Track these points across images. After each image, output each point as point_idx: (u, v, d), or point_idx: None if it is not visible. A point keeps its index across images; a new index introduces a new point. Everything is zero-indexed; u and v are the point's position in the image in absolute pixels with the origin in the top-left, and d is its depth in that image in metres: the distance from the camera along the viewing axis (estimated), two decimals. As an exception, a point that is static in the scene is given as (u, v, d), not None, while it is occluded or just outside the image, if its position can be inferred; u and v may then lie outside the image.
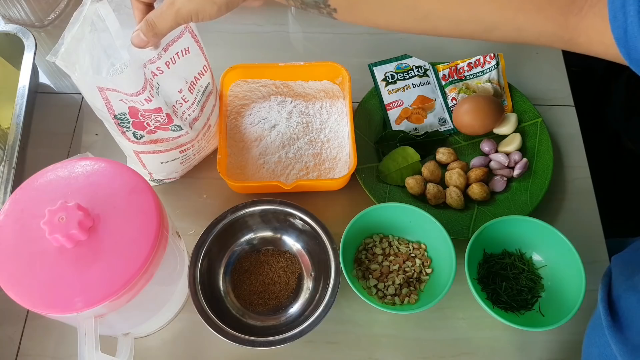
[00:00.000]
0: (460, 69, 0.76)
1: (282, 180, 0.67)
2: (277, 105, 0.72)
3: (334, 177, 0.68)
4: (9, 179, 0.66)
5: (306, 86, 0.74)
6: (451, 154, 0.71)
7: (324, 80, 0.75)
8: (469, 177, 0.69)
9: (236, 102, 0.72)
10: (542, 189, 0.68)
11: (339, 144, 0.70)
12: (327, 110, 0.73)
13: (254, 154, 0.69)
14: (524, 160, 0.70)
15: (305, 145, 0.69)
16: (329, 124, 0.72)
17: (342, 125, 0.72)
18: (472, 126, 0.71)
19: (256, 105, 0.72)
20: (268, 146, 0.69)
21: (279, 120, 0.70)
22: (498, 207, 0.68)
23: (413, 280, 0.62)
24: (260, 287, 0.63)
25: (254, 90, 0.73)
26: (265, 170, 0.68)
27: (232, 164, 0.68)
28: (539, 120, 0.73)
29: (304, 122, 0.71)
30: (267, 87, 0.74)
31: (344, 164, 0.69)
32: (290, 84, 0.74)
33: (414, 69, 0.75)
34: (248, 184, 0.67)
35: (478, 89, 0.74)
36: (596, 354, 0.53)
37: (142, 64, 0.52)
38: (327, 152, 0.70)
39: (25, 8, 0.80)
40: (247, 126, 0.71)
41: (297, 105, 0.72)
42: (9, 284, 0.45)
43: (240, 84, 0.74)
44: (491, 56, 0.75)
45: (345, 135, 0.71)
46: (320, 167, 0.69)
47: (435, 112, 0.74)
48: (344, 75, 0.72)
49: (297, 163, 0.68)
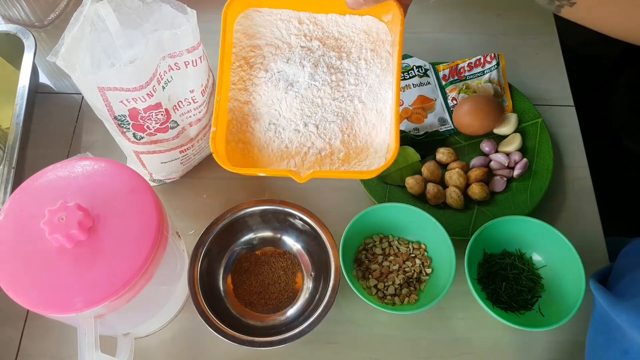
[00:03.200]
0: (460, 69, 0.76)
1: (295, 162, 0.51)
2: (299, 52, 0.54)
3: (367, 163, 0.51)
4: (9, 179, 0.66)
5: (341, 22, 0.55)
6: (451, 154, 0.71)
7: (367, 15, 0.55)
8: (469, 177, 0.69)
9: (244, 41, 0.54)
10: (542, 189, 0.68)
11: (378, 113, 0.52)
12: (366, 61, 0.54)
13: (262, 122, 0.52)
14: (524, 160, 0.70)
15: (331, 113, 0.52)
16: (367, 82, 0.53)
17: (385, 86, 0.53)
18: (472, 126, 0.71)
19: (270, 49, 0.54)
20: (282, 113, 0.52)
21: (300, 76, 0.53)
22: (498, 207, 0.68)
23: (413, 281, 0.62)
24: (260, 287, 0.63)
25: (269, 25, 0.54)
26: (275, 147, 0.51)
27: (232, 134, 0.52)
28: (539, 121, 0.73)
29: (333, 80, 0.53)
30: (289, 21, 0.55)
31: (380, 145, 0.51)
32: (320, 19, 0.55)
33: (414, 68, 0.75)
34: (246, 170, 0.49)
35: (478, 89, 0.74)
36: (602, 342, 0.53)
37: (162, 56, 0.53)
38: (361, 124, 0.52)
39: (25, 8, 0.80)
40: (256, 81, 0.53)
41: (327, 53, 0.54)
42: (9, 284, 0.45)
43: (251, 15, 0.54)
44: (491, 56, 0.75)
45: (387, 102, 0.52)
46: (348, 146, 0.51)
47: (436, 112, 0.74)
48: (395, 11, 0.51)
49: (319, 139, 0.51)
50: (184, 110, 0.60)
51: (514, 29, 0.84)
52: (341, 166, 0.50)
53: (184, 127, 0.62)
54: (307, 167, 0.50)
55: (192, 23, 0.53)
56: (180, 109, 0.59)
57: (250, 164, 0.51)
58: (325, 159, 0.51)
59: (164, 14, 0.55)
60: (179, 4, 0.54)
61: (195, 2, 0.58)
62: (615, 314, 0.48)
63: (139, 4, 0.54)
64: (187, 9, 0.53)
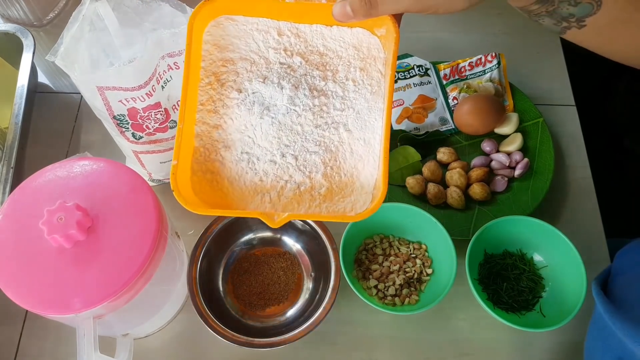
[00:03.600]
0: (461, 69, 0.76)
1: (271, 197, 0.44)
2: (277, 70, 0.46)
3: (351, 200, 0.44)
4: (7, 179, 0.66)
5: (328, 35, 0.47)
6: (452, 154, 0.70)
7: (357, 27, 0.47)
8: (469, 177, 0.69)
9: (215, 53, 0.46)
10: (543, 189, 0.68)
11: (366, 144, 0.45)
12: (356, 82, 0.46)
13: (234, 151, 0.45)
14: (525, 160, 0.69)
15: (312, 143, 0.45)
16: (355, 107, 0.45)
17: (375, 113, 0.45)
18: (473, 126, 0.71)
19: (245, 64, 0.46)
20: (256, 140, 0.45)
21: (277, 99, 0.45)
22: (499, 207, 0.68)
23: (413, 281, 0.62)
24: (260, 287, 0.63)
25: (244, 36, 0.46)
26: (248, 179, 0.44)
27: (199, 163, 0.44)
28: (540, 120, 0.72)
29: (315, 104, 0.45)
30: (266, 32, 0.47)
31: (367, 179, 0.44)
32: (303, 30, 0.47)
33: (415, 68, 0.75)
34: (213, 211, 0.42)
35: (479, 88, 0.74)
36: (600, 347, 0.53)
37: (161, 56, 0.52)
38: (346, 155, 0.45)
39: (24, 7, 0.80)
40: (228, 102, 0.45)
41: (310, 73, 0.46)
42: (8, 284, 0.45)
43: (223, 23, 0.46)
44: (492, 55, 0.75)
45: (376, 131, 0.45)
46: (331, 179, 0.44)
47: (436, 111, 0.74)
48: (390, 27, 0.44)
49: (297, 172, 0.44)
50: (184, 110, 0.60)
51: (515, 28, 0.84)
52: (322, 202, 0.44)
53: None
54: (284, 204, 0.44)
55: None
56: (179, 109, 0.59)
57: (219, 198, 0.44)
58: (304, 194, 0.44)
59: (163, 13, 0.54)
60: (178, 3, 0.54)
61: (194, 2, 0.58)
62: (612, 322, 0.48)
63: (138, 3, 0.54)
64: (186, 7, 0.53)
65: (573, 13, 0.43)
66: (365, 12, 0.41)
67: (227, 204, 0.44)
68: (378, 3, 0.40)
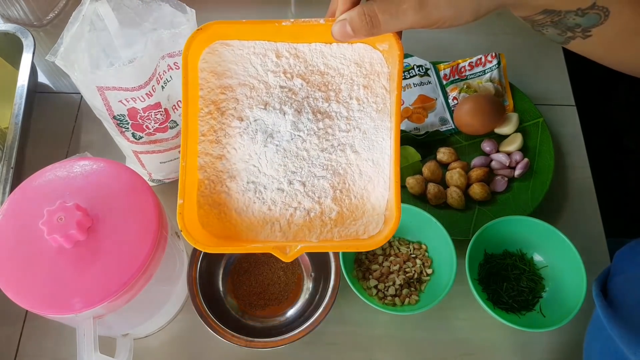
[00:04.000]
0: (461, 69, 0.76)
1: (281, 225, 0.43)
2: (278, 94, 0.44)
3: (363, 222, 0.43)
4: (7, 179, 0.66)
5: (327, 53, 0.45)
6: (452, 154, 0.70)
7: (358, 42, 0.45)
8: (469, 177, 0.69)
9: (213, 81, 0.44)
10: (543, 189, 0.68)
11: (375, 165, 0.44)
12: (360, 100, 0.45)
13: (240, 181, 0.44)
14: (525, 160, 0.69)
15: (319, 167, 0.43)
16: (361, 127, 0.44)
17: (382, 132, 0.44)
18: (473, 126, 0.71)
19: (244, 90, 0.45)
20: (262, 169, 0.44)
21: (280, 126, 0.44)
22: (499, 207, 0.68)
23: (413, 281, 0.62)
24: (260, 287, 0.63)
25: (241, 61, 0.45)
26: (256, 209, 0.43)
27: (205, 196, 0.43)
28: (540, 120, 0.72)
29: (320, 128, 0.44)
30: (265, 55, 0.45)
31: (378, 200, 0.43)
32: (302, 50, 0.45)
33: (415, 68, 0.75)
34: (224, 248, 0.42)
35: (479, 88, 0.74)
36: (598, 348, 0.53)
37: (161, 56, 0.52)
38: (355, 177, 0.44)
39: (24, 7, 0.80)
40: (230, 131, 0.44)
41: (311, 95, 0.45)
42: (8, 284, 0.45)
43: (218, 49, 0.44)
44: (492, 55, 0.75)
45: (385, 151, 0.44)
46: (341, 203, 0.43)
47: (436, 111, 0.74)
48: (393, 43, 0.42)
49: (306, 198, 0.43)
50: (184, 110, 0.60)
51: (515, 28, 0.84)
52: (334, 227, 0.43)
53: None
54: (295, 232, 0.43)
55: (191, 22, 0.52)
56: (179, 109, 0.59)
57: (228, 229, 0.43)
58: (315, 220, 0.43)
59: (163, 13, 0.54)
60: (178, 3, 0.54)
61: (194, 1, 0.58)
62: (610, 328, 0.48)
63: (138, 3, 0.54)
64: (186, 8, 0.53)
65: (579, 23, 0.42)
66: (367, 32, 0.39)
67: (236, 235, 0.43)
68: (380, 22, 0.38)
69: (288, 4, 0.86)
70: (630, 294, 0.50)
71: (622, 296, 0.49)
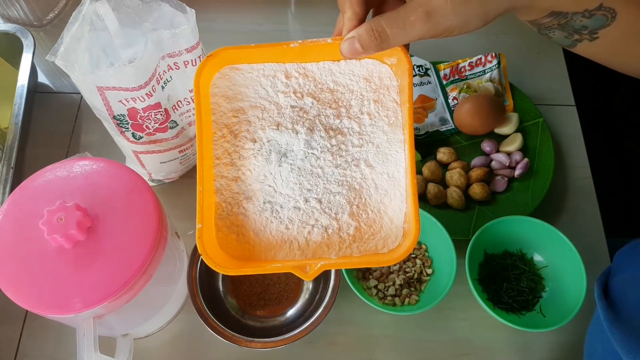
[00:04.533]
0: (461, 69, 0.76)
1: (299, 244, 0.43)
2: (289, 114, 0.45)
3: (382, 235, 0.43)
4: (7, 179, 0.66)
5: (336, 70, 0.46)
6: (452, 154, 0.70)
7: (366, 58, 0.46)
8: (469, 177, 0.69)
9: (224, 105, 0.45)
10: (543, 189, 0.68)
11: (390, 178, 0.44)
12: (371, 115, 0.45)
13: (256, 201, 0.44)
14: (525, 160, 0.69)
15: (335, 184, 0.44)
16: (374, 141, 0.44)
17: (396, 145, 0.44)
18: (473, 126, 0.71)
19: (256, 112, 0.45)
20: (277, 189, 0.44)
21: (294, 145, 0.44)
22: (499, 207, 0.68)
23: (413, 281, 0.62)
24: (260, 287, 0.63)
25: (251, 84, 0.46)
26: (274, 228, 0.43)
27: (222, 218, 0.44)
28: (540, 120, 0.72)
29: (333, 144, 0.44)
30: (274, 77, 0.46)
31: (396, 213, 0.43)
32: (311, 69, 0.46)
33: (414, 68, 0.75)
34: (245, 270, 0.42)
35: (479, 88, 0.74)
36: (600, 350, 0.53)
37: (161, 56, 0.53)
38: (371, 191, 0.44)
39: (24, 7, 0.80)
40: (244, 153, 0.45)
41: (322, 112, 0.45)
42: (8, 284, 0.45)
43: (228, 74, 0.45)
44: (492, 55, 0.75)
45: (400, 163, 0.44)
46: (359, 218, 0.43)
47: (436, 111, 0.74)
48: (402, 57, 0.43)
49: (323, 215, 0.43)
50: (184, 110, 0.60)
51: (515, 28, 0.84)
52: (353, 243, 0.43)
53: (183, 127, 0.62)
54: (313, 250, 0.43)
55: (191, 22, 0.52)
56: (179, 109, 0.59)
57: (247, 250, 0.43)
58: (333, 236, 0.43)
59: (163, 13, 0.54)
60: (178, 2, 0.54)
61: (194, 1, 0.58)
62: (610, 332, 0.48)
63: (138, 3, 0.54)
64: (186, 7, 0.53)
65: (586, 25, 0.41)
66: (377, 47, 0.39)
67: (255, 255, 0.43)
68: (389, 36, 0.38)
69: (288, 4, 0.86)
70: (631, 294, 0.50)
71: (622, 296, 0.49)
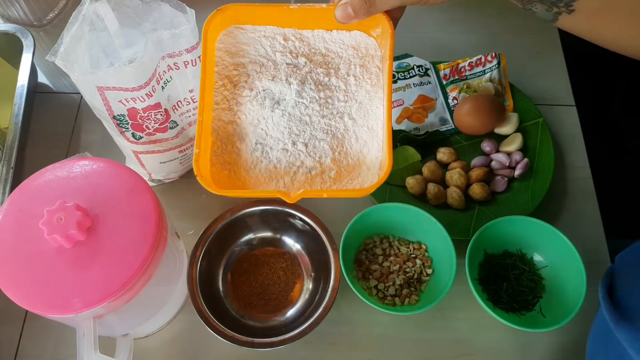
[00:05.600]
0: (461, 69, 0.76)
1: (285, 182, 0.48)
2: (284, 69, 0.51)
3: (359, 181, 0.48)
4: (7, 179, 0.66)
5: (328, 38, 0.52)
6: (452, 154, 0.70)
7: (355, 30, 0.52)
8: (469, 177, 0.69)
9: (227, 59, 0.51)
10: (543, 188, 0.68)
11: (369, 130, 0.50)
12: (356, 77, 0.51)
13: (248, 142, 0.49)
14: (525, 160, 0.69)
15: (320, 131, 0.49)
16: (357, 98, 0.50)
17: (376, 102, 0.50)
18: (473, 126, 0.71)
19: (255, 67, 0.51)
20: (268, 132, 0.50)
21: (286, 94, 0.50)
22: (499, 207, 0.68)
23: (413, 281, 0.62)
24: (260, 287, 0.63)
25: (253, 43, 0.52)
26: (263, 167, 0.49)
27: (217, 155, 0.49)
28: (540, 120, 0.72)
29: (321, 97, 0.50)
30: (273, 38, 0.52)
31: (373, 162, 0.49)
32: (306, 35, 0.52)
33: (414, 68, 0.75)
34: (234, 192, 0.47)
35: (479, 88, 0.74)
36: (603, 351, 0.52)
37: (161, 56, 0.53)
38: (352, 141, 0.49)
39: (24, 7, 0.80)
40: (240, 100, 0.50)
41: (314, 70, 0.51)
42: (8, 284, 0.45)
43: (234, 32, 0.51)
44: (492, 55, 0.75)
45: (379, 118, 0.50)
46: (340, 164, 0.49)
47: (436, 111, 0.74)
48: (385, 25, 0.49)
49: (308, 158, 0.49)
50: (184, 110, 0.60)
51: (515, 28, 0.84)
52: (332, 185, 0.48)
53: (183, 127, 0.62)
54: (297, 187, 0.48)
55: (191, 22, 0.52)
56: (179, 109, 0.59)
57: (237, 186, 0.48)
58: (315, 178, 0.48)
59: (163, 13, 0.54)
60: (178, 3, 0.54)
61: (194, 1, 0.58)
62: (616, 331, 0.48)
63: (138, 3, 0.54)
64: (186, 8, 0.53)
65: None
66: (366, 11, 0.45)
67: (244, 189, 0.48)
68: (376, 1, 0.45)
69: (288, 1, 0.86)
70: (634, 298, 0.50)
71: (624, 301, 0.49)
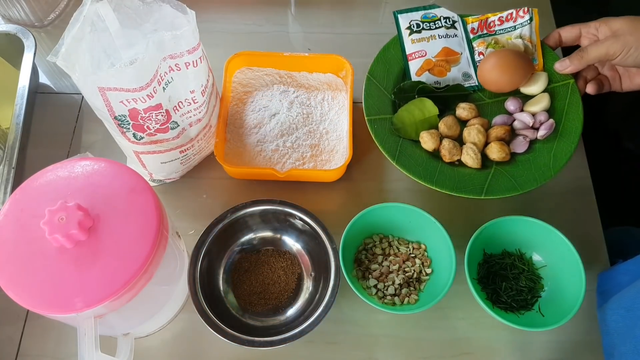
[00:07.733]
0: (490, 23, 0.72)
1: (277, 168, 0.68)
2: (279, 94, 0.73)
3: (330, 168, 0.69)
4: (8, 179, 0.66)
5: (310, 77, 0.76)
6: (473, 110, 0.67)
7: (328, 72, 0.76)
8: (489, 135, 0.65)
9: (239, 88, 0.75)
10: (567, 152, 0.64)
11: (337, 137, 0.71)
12: (328, 102, 0.74)
13: (252, 141, 0.70)
14: (550, 121, 0.65)
15: (303, 135, 0.70)
16: (329, 116, 0.73)
17: (342, 118, 0.72)
18: (498, 82, 0.66)
19: (259, 93, 0.74)
20: (267, 134, 0.70)
21: (280, 109, 0.72)
22: (517, 167, 0.64)
23: (413, 281, 0.62)
24: (260, 287, 0.63)
25: (257, 78, 0.75)
26: (262, 157, 0.69)
27: (230, 148, 0.70)
28: (570, 82, 0.68)
29: (304, 112, 0.72)
30: (271, 76, 0.75)
31: (340, 157, 0.69)
32: (294, 75, 0.76)
33: (441, 19, 0.72)
34: (242, 169, 0.68)
35: (508, 44, 0.70)
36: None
37: (162, 57, 0.53)
38: (325, 143, 0.70)
39: (25, 8, 0.80)
40: (247, 113, 0.72)
41: (299, 95, 0.73)
42: (9, 284, 0.45)
43: (244, 71, 0.76)
44: (524, 10, 0.71)
45: (344, 129, 0.71)
46: (316, 158, 0.70)
47: (460, 66, 0.70)
48: (348, 68, 0.73)
49: (294, 152, 0.69)
50: (185, 111, 0.60)
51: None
52: None
53: (184, 128, 0.62)
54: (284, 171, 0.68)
55: (191, 24, 0.53)
56: (180, 110, 0.59)
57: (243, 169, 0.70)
58: (298, 167, 0.69)
59: (164, 14, 0.55)
60: (178, 3, 0.54)
61: (194, 2, 0.58)
62: None
63: (138, 4, 0.54)
64: (186, 9, 0.53)
65: None
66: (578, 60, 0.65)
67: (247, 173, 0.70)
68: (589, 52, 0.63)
69: (288, 6, 0.86)
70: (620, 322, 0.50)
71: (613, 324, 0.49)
